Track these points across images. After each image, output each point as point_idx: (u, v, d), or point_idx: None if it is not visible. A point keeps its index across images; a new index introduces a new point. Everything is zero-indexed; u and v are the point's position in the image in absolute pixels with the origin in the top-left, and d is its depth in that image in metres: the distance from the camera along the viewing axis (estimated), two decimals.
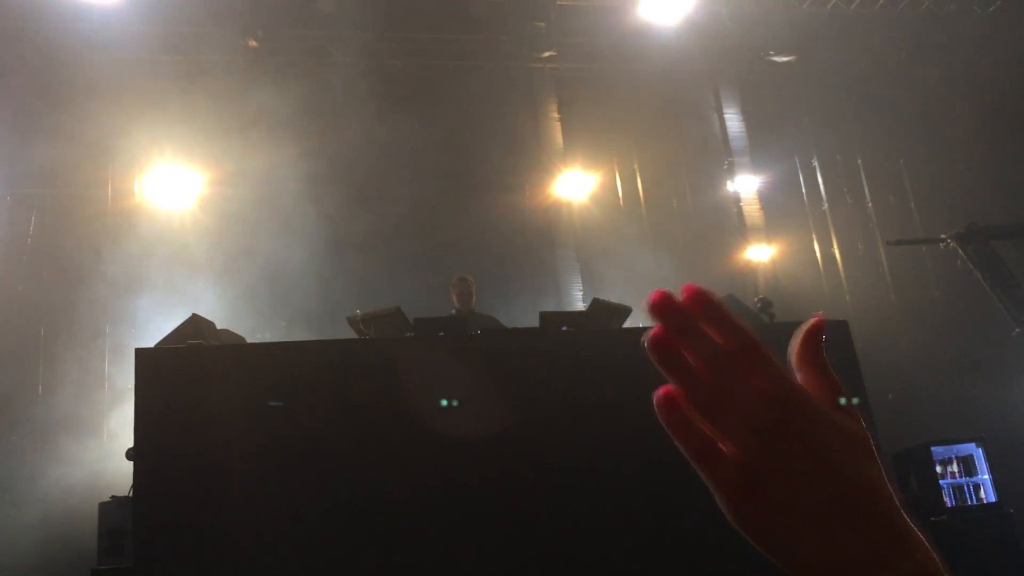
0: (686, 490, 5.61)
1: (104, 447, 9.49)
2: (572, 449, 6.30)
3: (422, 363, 6.44)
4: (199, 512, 5.73)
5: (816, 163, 13.48)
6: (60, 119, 10.61)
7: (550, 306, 10.40)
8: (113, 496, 6.25)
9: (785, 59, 12.61)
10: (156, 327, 8.54)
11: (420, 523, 5.96)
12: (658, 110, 12.90)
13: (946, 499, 7.18)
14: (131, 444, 6.03)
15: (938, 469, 7.28)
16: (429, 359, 6.49)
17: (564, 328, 7.00)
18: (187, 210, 11.13)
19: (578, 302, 11.59)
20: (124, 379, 9.53)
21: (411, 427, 6.16)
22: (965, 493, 7.30)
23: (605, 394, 6.50)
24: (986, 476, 7.28)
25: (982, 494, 7.26)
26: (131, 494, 5.92)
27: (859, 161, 13.32)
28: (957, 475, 7.35)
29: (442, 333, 6.76)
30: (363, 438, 6.10)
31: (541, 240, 12.29)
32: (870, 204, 13.15)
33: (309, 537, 5.81)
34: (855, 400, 0.69)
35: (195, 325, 6.60)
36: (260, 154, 10.86)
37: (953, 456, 7.39)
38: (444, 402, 6.13)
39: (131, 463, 5.96)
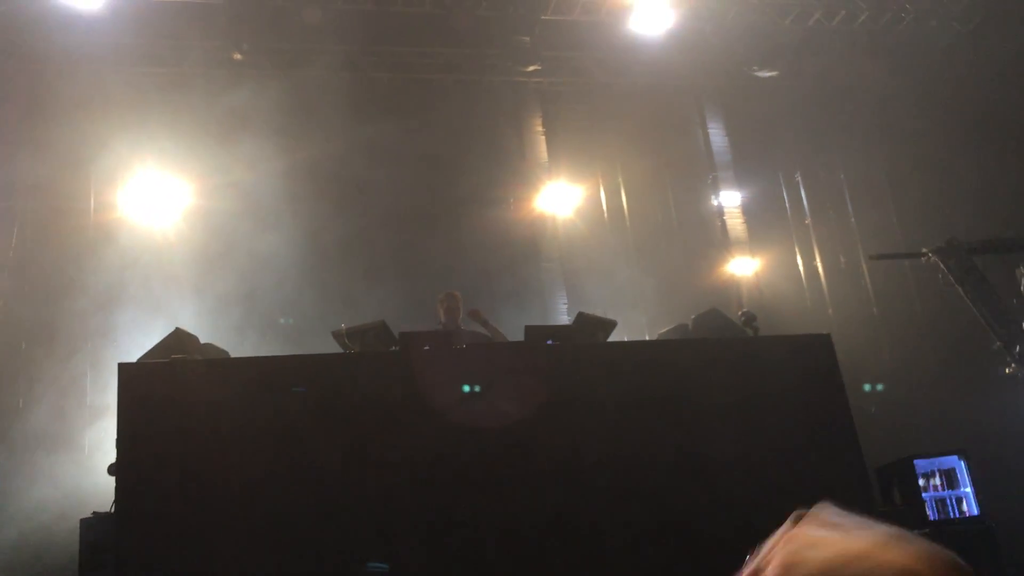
0: (673, 499, 5.64)
1: (85, 462, 9.40)
2: (558, 462, 6.30)
3: (408, 377, 6.42)
4: (182, 528, 5.69)
5: (799, 177, 13.57)
6: (42, 131, 10.57)
7: (535, 320, 10.39)
8: (95, 512, 6.18)
9: (768, 74, 12.70)
10: (137, 342, 8.48)
11: (409, 539, 5.93)
12: (642, 124, 12.97)
13: (929, 512, 7.22)
14: (113, 459, 5.98)
15: (921, 482, 7.32)
16: (415, 373, 6.47)
17: (549, 342, 7.00)
18: (169, 223, 11.08)
19: (563, 316, 11.59)
20: (105, 394, 9.44)
21: (397, 441, 6.14)
22: (948, 506, 7.34)
23: (591, 407, 6.50)
24: (968, 489, 7.33)
25: (964, 507, 7.30)
26: (113, 510, 5.87)
27: (842, 176, 13.41)
28: (940, 488, 7.40)
29: (427, 347, 6.75)
30: (349, 452, 6.07)
31: (526, 254, 12.30)
32: (852, 218, 13.23)
33: (294, 553, 5.76)
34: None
35: (178, 339, 6.56)
36: (243, 167, 10.83)
37: (936, 469, 7.44)
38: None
39: (113, 479, 5.91)
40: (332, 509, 5.91)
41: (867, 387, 6.94)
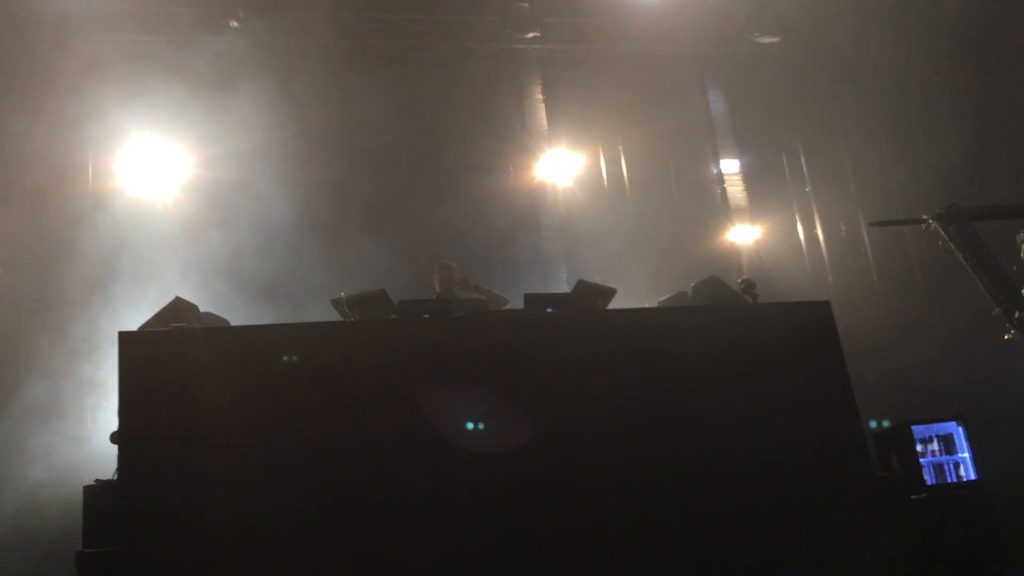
0: (672, 465, 5.65)
1: (87, 430, 9.45)
2: (558, 431, 6.33)
3: (407, 346, 6.44)
4: (185, 495, 5.73)
5: (799, 145, 13.50)
6: (40, 99, 10.53)
7: (535, 288, 10.39)
8: (97, 479, 6.22)
9: (769, 40, 12.58)
10: (136, 311, 8.49)
11: (403, 507, 5.97)
12: (643, 92, 12.88)
13: (926, 477, 7.26)
14: (114, 427, 6.02)
15: (919, 447, 7.35)
16: (414, 342, 6.49)
17: (549, 310, 7.01)
18: (166, 192, 11.04)
19: (563, 284, 11.59)
20: (103, 363, 9.46)
21: (395, 410, 6.17)
22: (945, 471, 7.38)
23: (591, 375, 6.52)
24: (966, 454, 7.36)
25: (962, 472, 7.34)
26: (116, 477, 5.91)
27: (842, 143, 13.34)
28: (937, 453, 7.42)
29: (427, 315, 6.76)
30: (346, 421, 6.10)
31: (526, 222, 12.27)
32: (852, 185, 13.18)
33: (293, 518, 5.81)
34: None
35: (178, 308, 6.57)
36: (239, 136, 10.78)
37: (933, 435, 7.46)
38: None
39: (115, 447, 5.95)
40: (332, 475, 5.96)
41: None
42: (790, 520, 6.37)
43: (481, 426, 6.25)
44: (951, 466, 7.36)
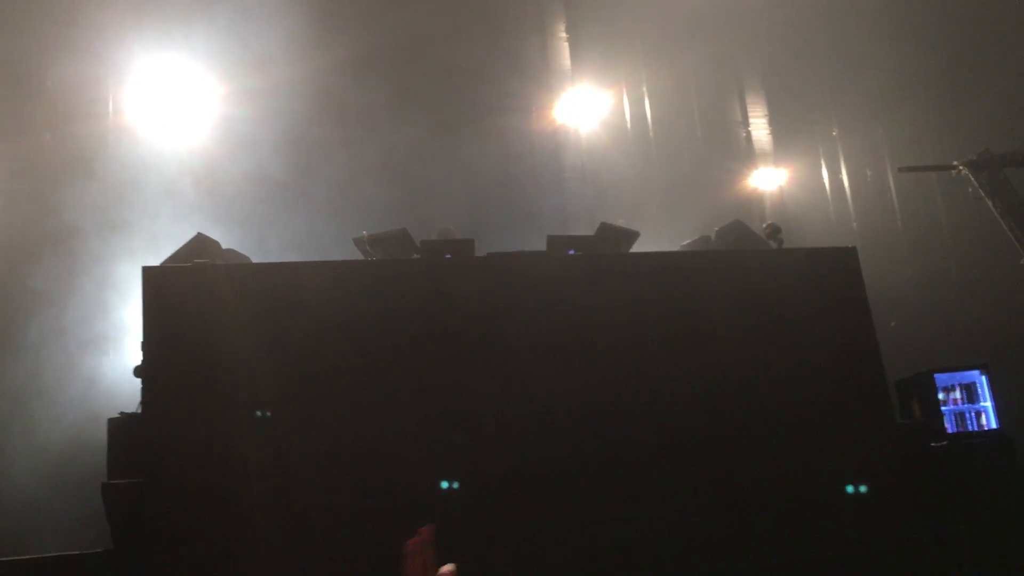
0: (694, 408, 5.64)
1: (111, 364, 9.52)
2: (578, 368, 6.33)
3: (428, 285, 6.43)
4: (207, 426, 5.79)
5: (827, 87, 13.18)
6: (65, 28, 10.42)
7: (557, 230, 10.32)
8: (122, 412, 6.29)
9: None
10: (160, 247, 8.49)
11: (420, 435, 6.04)
12: (669, 31, 12.59)
13: (947, 425, 7.23)
14: (138, 361, 6.06)
15: (941, 396, 7.31)
16: (435, 281, 6.48)
17: (571, 252, 6.97)
18: (192, 129, 10.95)
19: (585, 227, 11.47)
20: (130, 296, 9.47)
21: (414, 347, 6.19)
22: (967, 419, 7.35)
23: (612, 317, 6.50)
24: (988, 403, 7.32)
25: (984, 420, 7.30)
26: (140, 410, 5.97)
27: (871, 86, 13.01)
28: (960, 402, 7.39)
29: (449, 256, 6.73)
30: (366, 356, 6.13)
31: (547, 163, 12.12)
32: (881, 130, 12.91)
33: (313, 449, 5.88)
34: None
35: (200, 244, 6.58)
36: (266, 71, 10.67)
37: (956, 383, 7.42)
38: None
39: (139, 380, 6.01)
40: (351, 409, 6.00)
41: None
42: (809, 463, 6.38)
43: (501, 365, 6.26)
44: (973, 415, 7.32)
